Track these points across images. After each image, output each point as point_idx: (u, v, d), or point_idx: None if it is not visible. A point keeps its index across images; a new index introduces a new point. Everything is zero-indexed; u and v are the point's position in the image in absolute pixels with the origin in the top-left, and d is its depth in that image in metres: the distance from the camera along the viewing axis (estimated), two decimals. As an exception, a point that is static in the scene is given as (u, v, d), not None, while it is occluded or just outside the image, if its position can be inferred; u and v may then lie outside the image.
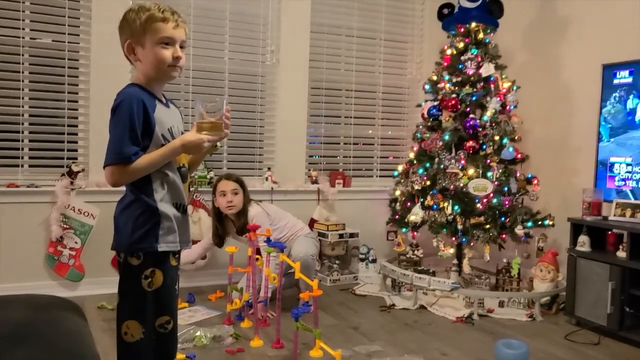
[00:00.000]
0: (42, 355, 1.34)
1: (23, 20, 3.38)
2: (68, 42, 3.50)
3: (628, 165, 3.16)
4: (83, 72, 3.55)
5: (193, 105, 1.68)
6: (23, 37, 3.39)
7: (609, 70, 3.29)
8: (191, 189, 3.71)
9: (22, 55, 3.40)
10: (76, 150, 3.59)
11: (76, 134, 3.59)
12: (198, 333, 2.67)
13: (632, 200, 3.07)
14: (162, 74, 1.61)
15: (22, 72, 3.42)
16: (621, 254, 2.93)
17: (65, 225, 3.38)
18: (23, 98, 3.42)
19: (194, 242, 3.73)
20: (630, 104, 3.12)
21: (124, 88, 1.58)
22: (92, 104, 3.50)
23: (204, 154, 1.76)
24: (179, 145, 1.58)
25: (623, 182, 3.17)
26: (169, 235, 1.59)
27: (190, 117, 1.77)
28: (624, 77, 3.21)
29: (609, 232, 3.11)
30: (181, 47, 1.62)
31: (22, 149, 3.44)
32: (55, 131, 3.52)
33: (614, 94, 3.19)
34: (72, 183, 3.41)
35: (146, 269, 1.56)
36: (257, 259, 2.98)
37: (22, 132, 3.43)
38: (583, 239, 3.12)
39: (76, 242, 3.42)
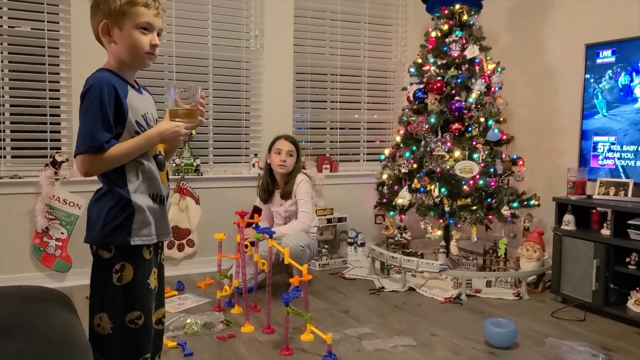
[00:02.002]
0: (32, 346, 1.33)
1: (0, 8, 3.30)
2: (47, 30, 3.44)
3: (612, 144, 3.20)
4: (64, 60, 3.49)
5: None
6: (1, 26, 3.32)
7: (592, 49, 3.32)
8: (178, 176, 3.70)
9: (1, 44, 3.34)
10: (59, 140, 3.54)
11: (59, 124, 3.54)
12: (188, 320, 2.67)
13: (616, 179, 3.12)
14: (137, 60, 1.55)
15: (2, 62, 3.36)
16: (605, 231, 2.98)
17: (50, 216, 3.35)
18: (3, 88, 3.36)
19: (182, 231, 3.73)
20: (622, 80, 3.16)
21: (94, 73, 1.51)
22: (74, 92, 3.44)
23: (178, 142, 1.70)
24: (156, 135, 1.53)
25: (607, 161, 3.22)
26: (143, 228, 1.53)
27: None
28: (606, 56, 3.24)
29: (593, 211, 3.16)
30: (157, 35, 1.57)
31: (4, 140, 3.38)
32: (37, 121, 3.47)
33: (607, 71, 3.22)
34: (56, 173, 3.37)
35: (117, 263, 1.50)
36: (247, 246, 2.98)
37: (3, 123, 3.37)
38: (568, 217, 3.17)
39: (62, 233, 3.38)
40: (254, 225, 2.91)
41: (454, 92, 3.60)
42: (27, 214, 3.35)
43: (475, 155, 3.46)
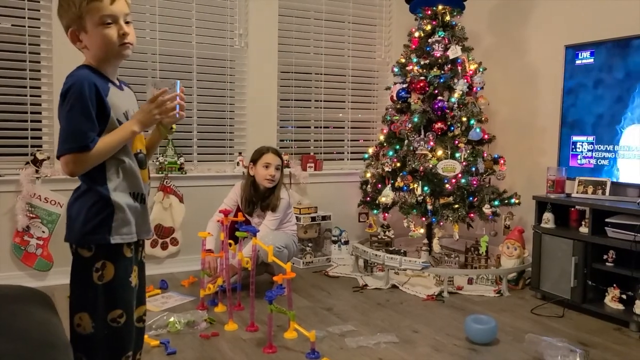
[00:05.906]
0: (12, 345, 1.32)
1: (-20, 4, 3.27)
2: (28, 27, 3.40)
3: (590, 144, 3.26)
4: (45, 57, 3.46)
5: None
6: (-20, 22, 3.28)
7: (571, 51, 3.37)
8: (161, 174, 3.68)
9: (-20, 40, 3.29)
10: (40, 138, 3.50)
11: (40, 121, 3.50)
12: (172, 319, 2.66)
13: (594, 178, 3.17)
14: (114, 55, 1.52)
15: (-19, 58, 3.31)
16: (584, 229, 3.03)
17: (31, 215, 3.31)
18: (-17, 85, 3.32)
19: (166, 229, 3.72)
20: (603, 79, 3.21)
21: (74, 70, 1.48)
22: (56, 89, 3.41)
23: (159, 137, 1.70)
24: (133, 122, 1.51)
25: (586, 161, 3.28)
26: (123, 227, 1.51)
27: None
28: (585, 57, 3.29)
29: (572, 209, 3.21)
30: (126, 22, 1.51)
31: (-16, 138, 3.34)
32: (18, 119, 3.43)
33: (589, 71, 3.26)
34: (37, 171, 3.33)
35: (97, 262, 1.49)
36: (230, 244, 2.98)
37: (-17, 120, 3.33)
38: (547, 216, 3.22)
39: (43, 232, 3.35)
40: (238, 224, 2.90)
41: (436, 91, 3.63)
42: (8, 213, 3.31)
43: (457, 154, 3.50)
